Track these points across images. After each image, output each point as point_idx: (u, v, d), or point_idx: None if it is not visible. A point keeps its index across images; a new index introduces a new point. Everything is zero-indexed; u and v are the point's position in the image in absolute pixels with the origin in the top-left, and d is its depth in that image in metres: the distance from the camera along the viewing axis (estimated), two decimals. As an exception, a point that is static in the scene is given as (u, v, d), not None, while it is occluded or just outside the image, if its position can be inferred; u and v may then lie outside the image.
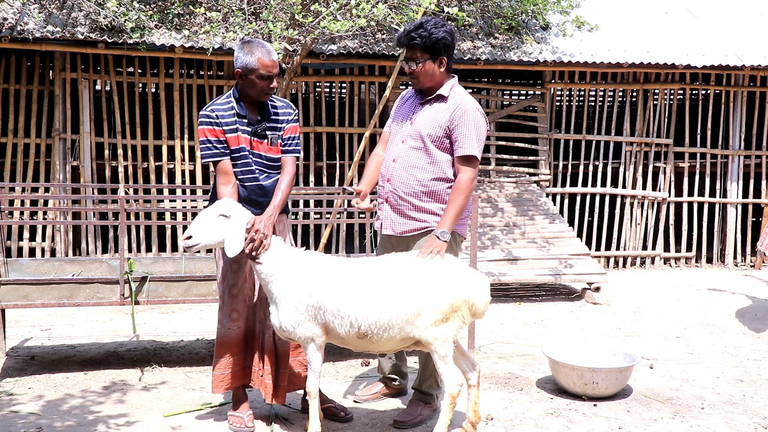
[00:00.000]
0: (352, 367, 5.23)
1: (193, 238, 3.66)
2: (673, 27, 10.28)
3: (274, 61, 3.95)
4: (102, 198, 6.11)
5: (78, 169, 8.80)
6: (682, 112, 10.74)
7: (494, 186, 9.55)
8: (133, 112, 8.99)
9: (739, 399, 4.74)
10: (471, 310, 3.71)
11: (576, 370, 4.61)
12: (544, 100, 9.82)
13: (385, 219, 4.16)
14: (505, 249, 8.19)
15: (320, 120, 9.78)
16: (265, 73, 3.91)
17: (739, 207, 10.19)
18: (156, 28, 8.39)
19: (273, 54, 3.96)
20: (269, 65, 3.91)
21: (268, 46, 3.97)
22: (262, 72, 3.90)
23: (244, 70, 3.91)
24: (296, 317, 3.66)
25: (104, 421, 4.11)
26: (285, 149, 4.07)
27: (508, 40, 9.53)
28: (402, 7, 7.33)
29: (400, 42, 4.03)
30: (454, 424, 3.88)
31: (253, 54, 3.90)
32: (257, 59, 3.89)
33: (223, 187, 3.93)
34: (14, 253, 8.52)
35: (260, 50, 3.92)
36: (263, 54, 3.91)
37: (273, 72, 3.94)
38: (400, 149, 4.09)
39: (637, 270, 9.83)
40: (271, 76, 3.94)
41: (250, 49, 3.92)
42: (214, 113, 3.95)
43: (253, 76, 3.91)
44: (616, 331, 6.56)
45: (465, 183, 3.94)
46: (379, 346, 3.73)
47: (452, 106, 4.00)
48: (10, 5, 8.37)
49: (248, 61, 3.90)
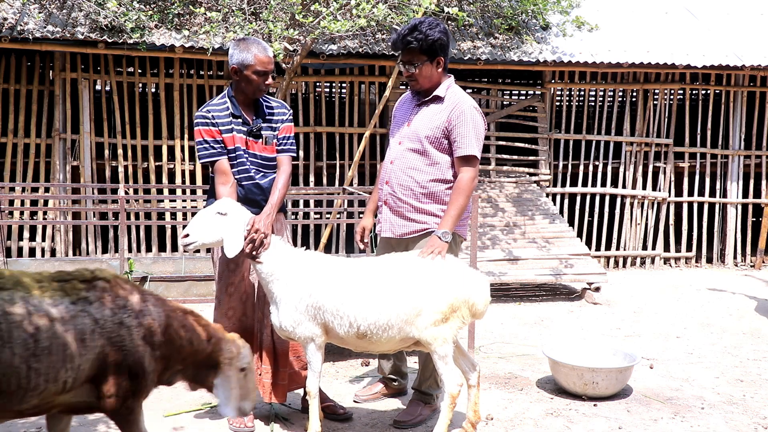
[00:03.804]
0: (352, 367, 5.23)
1: (190, 236, 3.66)
2: (673, 27, 10.28)
3: (270, 57, 3.95)
4: (102, 198, 6.12)
5: (78, 169, 8.80)
6: (682, 112, 10.74)
7: (494, 186, 9.55)
8: (133, 112, 8.99)
9: (739, 399, 4.74)
10: (471, 310, 3.71)
11: (576, 370, 4.61)
12: (544, 100, 9.82)
13: (384, 221, 4.15)
14: (505, 249, 8.20)
15: (320, 120, 9.78)
16: (262, 68, 3.90)
17: (739, 207, 10.19)
18: (156, 28, 8.39)
19: (269, 50, 3.96)
20: (265, 61, 3.91)
21: (263, 43, 3.97)
22: (258, 68, 3.90)
23: (240, 66, 3.91)
24: (296, 317, 3.66)
25: (105, 421, 4.11)
26: (280, 149, 4.08)
27: (508, 40, 9.53)
28: (402, 7, 7.34)
29: (396, 46, 4.00)
30: (454, 424, 3.88)
31: (249, 50, 3.90)
32: (253, 55, 3.89)
33: (222, 186, 3.93)
34: (14, 253, 8.52)
35: (256, 46, 3.92)
36: (259, 50, 3.91)
37: (269, 68, 3.93)
38: (398, 151, 4.09)
39: (637, 270, 9.83)
40: (267, 72, 3.93)
41: (246, 45, 3.92)
42: (210, 113, 3.96)
43: (249, 72, 3.91)
44: (616, 331, 6.56)
45: (465, 183, 3.93)
46: (379, 346, 3.73)
47: (449, 106, 3.99)
48: (10, 5, 8.37)
49: (244, 57, 3.90)
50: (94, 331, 2.71)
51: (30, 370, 2.53)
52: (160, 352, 2.93)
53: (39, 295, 2.63)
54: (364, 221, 4.32)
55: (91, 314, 2.72)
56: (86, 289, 2.77)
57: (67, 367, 2.62)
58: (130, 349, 2.79)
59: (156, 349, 2.90)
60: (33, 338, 2.54)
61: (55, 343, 2.59)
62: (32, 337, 2.54)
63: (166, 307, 3.00)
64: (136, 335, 2.82)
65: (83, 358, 2.67)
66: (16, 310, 2.54)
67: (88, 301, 2.74)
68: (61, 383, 2.63)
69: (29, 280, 2.68)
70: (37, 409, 2.68)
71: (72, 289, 2.73)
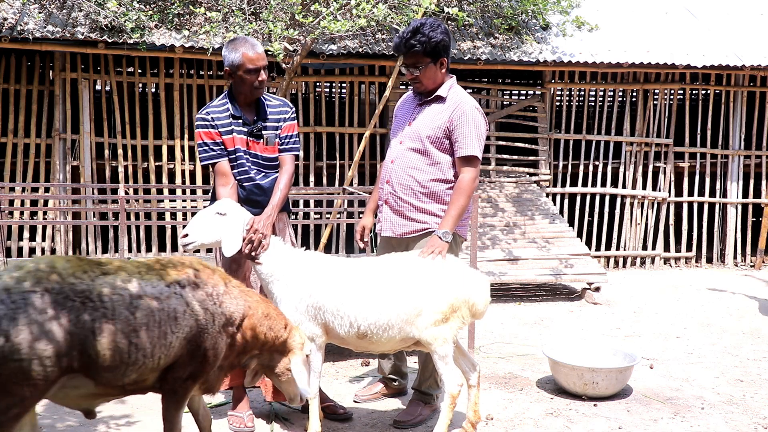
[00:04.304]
0: (352, 367, 5.23)
1: (189, 237, 3.66)
2: (673, 27, 10.28)
3: (259, 53, 3.91)
4: (102, 198, 6.12)
5: (78, 169, 8.80)
6: (682, 112, 10.74)
7: (494, 186, 9.55)
8: (133, 112, 8.99)
9: (739, 399, 4.74)
10: (471, 310, 3.71)
11: (576, 370, 4.62)
12: (544, 100, 9.82)
13: (385, 221, 4.15)
14: (505, 249, 8.20)
15: (320, 120, 9.78)
16: (252, 66, 3.88)
17: (739, 207, 10.18)
18: (156, 28, 8.39)
19: (258, 47, 3.92)
20: (254, 58, 3.88)
21: (252, 40, 3.94)
22: (248, 66, 3.88)
23: (232, 67, 3.91)
24: (296, 317, 3.66)
25: (105, 421, 4.11)
26: (283, 148, 4.06)
27: (508, 40, 9.53)
28: (402, 7, 7.33)
29: (399, 50, 3.97)
30: (454, 424, 3.88)
31: (237, 50, 3.89)
32: (241, 54, 3.87)
33: (222, 188, 3.93)
34: (14, 253, 8.52)
35: (244, 45, 3.90)
36: (247, 48, 3.89)
37: (259, 64, 3.90)
38: (399, 151, 4.09)
39: (637, 270, 9.83)
40: (258, 69, 3.90)
41: (234, 45, 3.91)
42: (210, 116, 3.96)
43: (241, 72, 3.90)
44: (616, 331, 6.56)
45: (467, 183, 3.93)
46: (379, 346, 3.73)
47: (451, 106, 3.99)
48: (10, 5, 8.37)
49: (233, 58, 3.89)
50: (185, 312, 2.96)
51: (131, 345, 2.79)
52: (237, 340, 3.16)
53: (138, 278, 2.90)
54: (363, 220, 4.32)
55: (183, 297, 2.98)
56: (178, 275, 3.02)
57: (161, 344, 2.88)
58: (211, 333, 3.03)
59: (231, 337, 3.13)
60: (134, 316, 2.80)
61: (152, 321, 2.85)
62: (133, 315, 2.80)
63: (249, 298, 3.24)
64: (218, 322, 3.06)
65: (174, 336, 2.92)
66: (120, 290, 2.81)
67: (180, 284, 2.99)
68: (156, 359, 2.89)
69: (129, 265, 2.96)
70: (134, 386, 2.93)
71: (166, 274, 2.99)
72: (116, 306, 2.77)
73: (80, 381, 2.79)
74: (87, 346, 2.70)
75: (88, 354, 2.71)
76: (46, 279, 2.68)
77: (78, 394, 2.86)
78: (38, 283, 2.66)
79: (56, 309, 2.64)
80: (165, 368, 2.96)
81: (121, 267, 2.91)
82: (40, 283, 2.66)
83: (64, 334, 2.64)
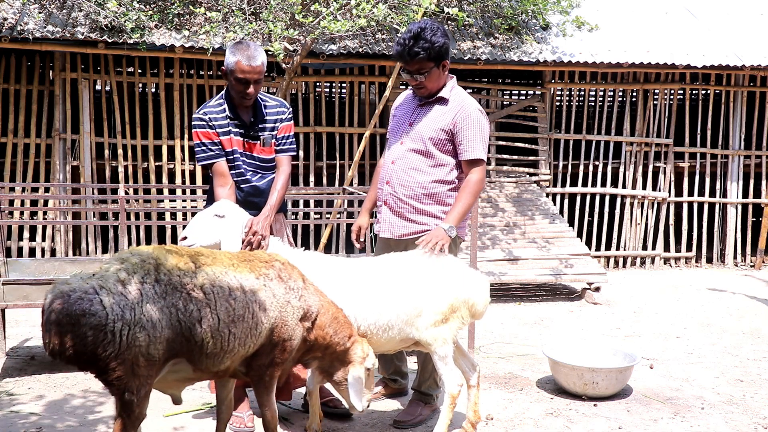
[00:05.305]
0: (352, 367, 5.23)
1: (189, 239, 3.66)
2: (673, 27, 10.28)
3: (254, 66, 3.81)
4: (102, 198, 6.13)
5: (78, 169, 8.80)
6: (682, 112, 10.74)
7: (494, 186, 9.55)
8: (133, 112, 8.99)
9: (739, 399, 4.74)
10: (470, 310, 3.71)
11: (576, 370, 4.62)
12: (544, 100, 9.82)
13: (384, 222, 4.15)
14: (505, 249, 8.20)
15: (320, 120, 9.78)
16: (242, 77, 3.81)
17: (739, 207, 10.18)
18: (156, 28, 8.39)
19: (255, 60, 3.81)
20: (246, 70, 3.79)
21: (254, 50, 3.84)
22: (238, 75, 3.81)
23: (226, 69, 3.88)
24: (296, 317, 3.66)
25: (105, 421, 4.11)
26: (279, 149, 4.05)
27: (508, 40, 9.53)
28: (402, 7, 7.33)
29: (403, 58, 3.91)
30: (454, 424, 3.88)
31: (234, 55, 3.82)
32: (236, 61, 3.80)
33: (220, 188, 3.92)
34: (14, 253, 8.52)
35: (243, 53, 3.81)
36: (243, 57, 3.80)
37: (250, 77, 3.81)
38: (400, 151, 4.08)
39: (637, 270, 9.83)
40: (248, 82, 3.82)
41: (235, 49, 3.84)
42: (207, 116, 3.94)
43: (231, 78, 3.86)
44: (616, 331, 6.56)
45: (475, 183, 3.92)
46: (379, 347, 3.73)
47: (455, 108, 3.98)
48: (10, 5, 8.37)
49: (229, 62, 3.85)
50: (273, 303, 3.13)
51: (230, 334, 2.97)
52: (309, 335, 3.31)
53: (233, 271, 3.06)
54: (359, 220, 4.30)
55: (271, 289, 3.15)
56: (266, 268, 3.19)
57: (253, 332, 3.06)
58: (290, 325, 3.20)
59: (306, 330, 3.29)
60: (232, 306, 2.98)
61: (247, 312, 3.03)
62: (232, 305, 2.98)
63: (323, 298, 3.40)
64: (297, 314, 3.23)
65: (263, 326, 3.09)
66: (220, 283, 2.98)
67: (268, 277, 3.17)
68: (247, 347, 3.07)
69: (223, 257, 3.11)
70: (224, 372, 3.11)
71: (255, 267, 3.16)
72: (218, 297, 2.94)
73: (182, 366, 2.97)
74: (194, 333, 2.87)
75: (195, 341, 2.89)
76: (155, 271, 2.84)
77: (176, 377, 3.06)
78: (148, 275, 2.81)
79: (167, 299, 2.81)
80: (250, 356, 3.12)
81: (216, 258, 3.07)
82: (149, 275, 2.81)
83: (174, 322, 2.82)
